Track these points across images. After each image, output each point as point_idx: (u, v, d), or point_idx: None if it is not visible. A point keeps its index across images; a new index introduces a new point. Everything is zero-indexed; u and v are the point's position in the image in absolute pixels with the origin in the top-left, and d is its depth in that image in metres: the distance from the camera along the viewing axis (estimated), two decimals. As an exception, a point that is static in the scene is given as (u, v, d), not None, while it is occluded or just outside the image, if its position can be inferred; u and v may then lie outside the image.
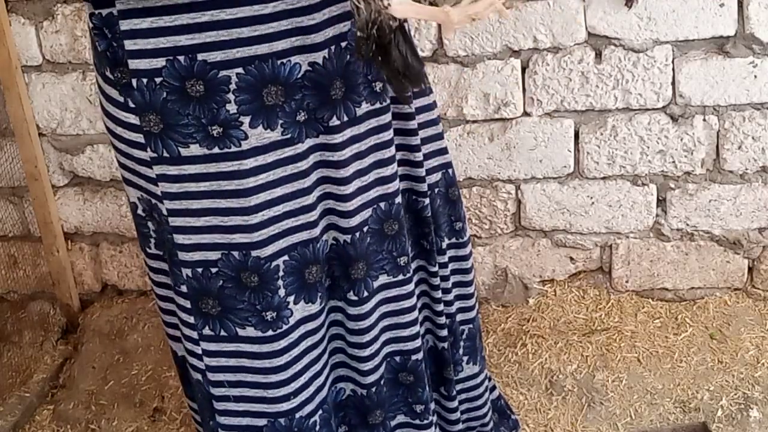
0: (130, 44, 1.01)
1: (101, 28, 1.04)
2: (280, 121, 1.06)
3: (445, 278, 1.37)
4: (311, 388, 1.23)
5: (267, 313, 1.16)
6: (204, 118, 1.03)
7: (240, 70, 1.02)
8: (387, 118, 1.18)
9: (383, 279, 1.24)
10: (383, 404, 1.30)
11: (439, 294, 1.35)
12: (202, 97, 1.02)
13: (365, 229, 1.19)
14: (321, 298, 1.21)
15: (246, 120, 1.04)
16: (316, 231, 1.16)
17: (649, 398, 1.86)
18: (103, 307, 2.41)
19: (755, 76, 1.98)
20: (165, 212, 1.12)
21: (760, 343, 1.99)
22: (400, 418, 1.36)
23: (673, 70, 2.00)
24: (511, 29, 2.01)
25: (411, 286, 1.28)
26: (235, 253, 1.12)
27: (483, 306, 2.27)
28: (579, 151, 2.10)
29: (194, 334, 1.20)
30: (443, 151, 1.34)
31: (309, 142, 1.11)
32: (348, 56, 1.08)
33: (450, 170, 1.36)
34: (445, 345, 1.38)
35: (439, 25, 2.05)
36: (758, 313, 2.11)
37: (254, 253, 1.12)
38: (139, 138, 1.08)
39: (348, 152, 1.14)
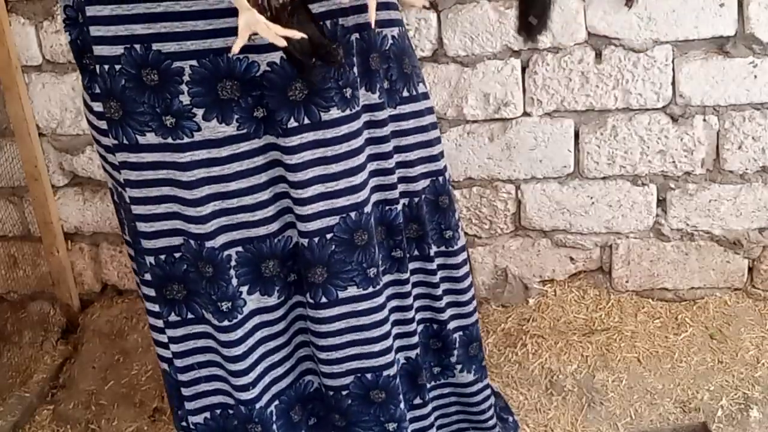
0: (94, 30, 1.04)
1: (74, 17, 1.08)
2: (236, 116, 1.07)
3: (434, 285, 1.35)
4: (266, 379, 1.25)
5: (222, 304, 1.17)
6: (158, 108, 1.05)
7: (194, 62, 1.03)
8: (357, 125, 1.15)
9: (353, 291, 1.22)
10: (348, 416, 1.29)
11: (410, 301, 1.33)
12: (157, 86, 1.04)
13: (329, 236, 1.17)
14: (280, 292, 1.21)
15: (199, 112, 1.05)
16: (274, 226, 1.17)
17: (649, 398, 1.86)
18: (103, 307, 2.41)
19: (755, 76, 1.98)
20: (128, 200, 1.14)
21: (760, 343, 1.99)
22: None
23: (673, 70, 2.00)
24: (511, 29, 2.01)
25: (381, 299, 1.26)
26: (192, 242, 1.14)
27: (483, 306, 2.27)
28: (579, 151, 2.10)
29: (159, 323, 1.22)
30: (434, 158, 1.30)
31: (268, 139, 1.11)
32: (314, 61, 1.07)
33: (440, 178, 1.32)
34: (417, 352, 1.35)
35: (439, 24, 2.05)
36: (758, 313, 2.11)
37: (208, 244, 1.13)
38: (103, 125, 1.11)
39: (308, 155, 1.12)
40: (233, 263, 1.16)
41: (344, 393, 1.26)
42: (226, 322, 1.18)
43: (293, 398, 1.31)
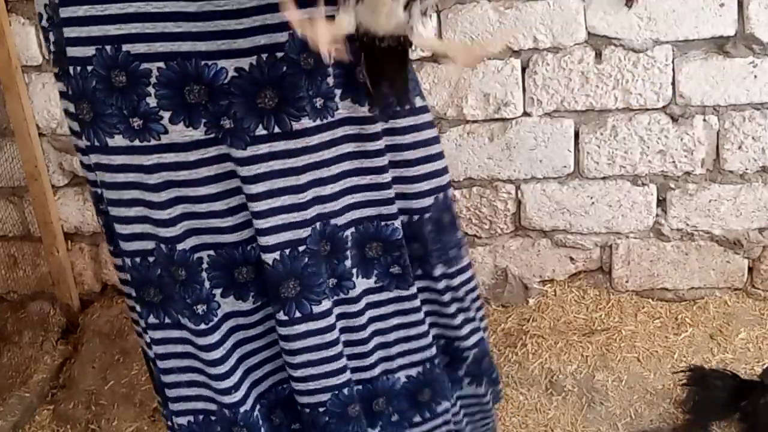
0: (68, 32, 1.03)
1: (51, 17, 1.08)
2: (203, 120, 1.05)
3: (445, 303, 1.31)
4: (247, 382, 1.23)
5: (198, 306, 1.15)
6: (126, 110, 1.04)
7: (161, 64, 1.01)
8: (330, 136, 1.12)
9: (326, 305, 1.18)
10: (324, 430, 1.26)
11: (419, 316, 1.29)
12: (124, 88, 1.03)
13: (301, 248, 1.13)
14: (255, 297, 1.19)
15: (166, 115, 1.04)
16: (246, 233, 1.14)
17: (649, 398, 1.86)
18: (103, 307, 2.41)
19: (755, 76, 1.98)
20: (105, 201, 1.15)
21: (760, 343, 1.99)
22: None
23: (673, 70, 2.00)
24: (512, 29, 2.01)
25: (360, 317, 1.22)
26: (162, 246, 1.13)
27: (483, 306, 2.27)
28: (579, 151, 2.10)
29: (142, 323, 1.21)
30: (437, 173, 1.26)
31: (228, 150, 1.08)
32: (284, 68, 1.04)
33: (442, 194, 1.28)
34: (420, 369, 1.31)
35: (439, 24, 2.05)
36: (758, 313, 2.11)
37: (179, 247, 1.12)
38: (76, 126, 1.11)
39: (276, 165, 1.09)
40: (205, 266, 1.15)
41: (321, 410, 1.23)
42: (202, 326, 1.17)
43: (273, 402, 1.29)
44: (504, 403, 1.90)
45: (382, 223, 1.20)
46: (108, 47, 1.01)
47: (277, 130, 1.07)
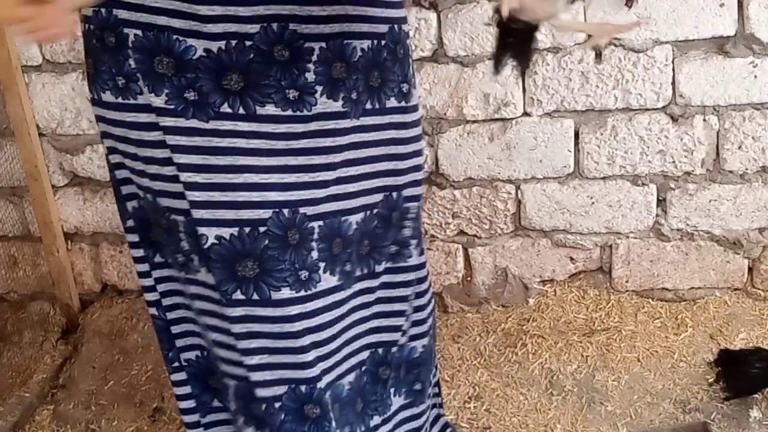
0: None
1: None
2: (166, 91, 1.10)
3: (384, 300, 1.32)
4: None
5: (178, 256, 1.23)
6: (114, 68, 1.13)
7: (138, 31, 1.09)
8: (302, 128, 1.15)
9: (286, 293, 1.18)
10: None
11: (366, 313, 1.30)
12: (113, 49, 1.12)
13: (261, 229, 1.15)
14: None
15: (140, 77, 1.11)
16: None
17: (649, 398, 1.86)
18: (103, 307, 2.41)
19: (755, 76, 1.98)
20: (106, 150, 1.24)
21: (760, 343, 1.99)
22: None
23: (673, 70, 2.00)
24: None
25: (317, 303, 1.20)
26: (149, 196, 1.20)
27: (483, 306, 2.27)
28: (579, 151, 2.10)
29: (145, 266, 1.28)
30: (393, 172, 1.27)
31: (193, 123, 1.12)
32: (252, 55, 1.09)
33: (395, 193, 1.28)
34: (352, 378, 1.30)
35: (439, 24, 2.05)
36: (758, 313, 2.11)
37: (163, 203, 1.19)
38: (86, 80, 1.23)
39: (239, 143, 1.12)
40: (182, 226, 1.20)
41: (277, 405, 1.21)
42: (183, 273, 1.24)
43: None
44: (504, 403, 1.90)
45: (342, 218, 1.22)
46: (102, 10, 1.10)
47: (241, 111, 1.11)
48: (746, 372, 1.79)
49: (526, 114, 2.09)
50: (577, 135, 2.09)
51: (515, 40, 1.06)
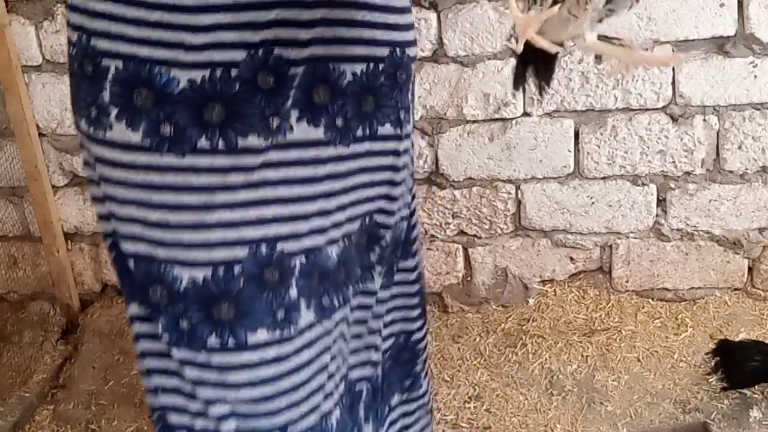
0: (69, 15, 1.09)
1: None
2: (144, 125, 1.03)
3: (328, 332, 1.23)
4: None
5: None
6: (89, 97, 1.07)
7: (120, 63, 1.03)
8: (284, 156, 1.07)
9: (262, 336, 1.10)
10: None
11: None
12: (90, 78, 1.06)
13: (237, 269, 1.06)
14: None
15: (114, 111, 1.04)
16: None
17: (649, 398, 1.86)
18: (103, 307, 2.41)
19: (755, 76, 1.98)
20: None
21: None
22: None
23: (673, 70, 2.00)
24: (511, 29, 2.01)
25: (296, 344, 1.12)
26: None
27: (483, 306, 2.27)
28: (579, 151, 2.10)
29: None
30: (372, 199, 1.19)
31: (169, 159, 1.04)
32: (238, 85, 1.02)
33: (372, 218, 1.21)
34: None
35: (439, 24, 2.05)
36: (758, 313, 2.11)
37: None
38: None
39: (214, 179, 1.04)
40: None
41: None
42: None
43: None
44: (504, 403, 1.90)
45: (325, 251, 1.14)
46: (83, 37, 1.05)
47: (221, 145, 1.03)
48: (745, 365, 1.79)
49: (526, 114, 2.09)
50: (577, 135, 2.09)
51: (536, 58, 1.01)
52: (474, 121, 2.12)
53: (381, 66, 1.13)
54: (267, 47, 1.02)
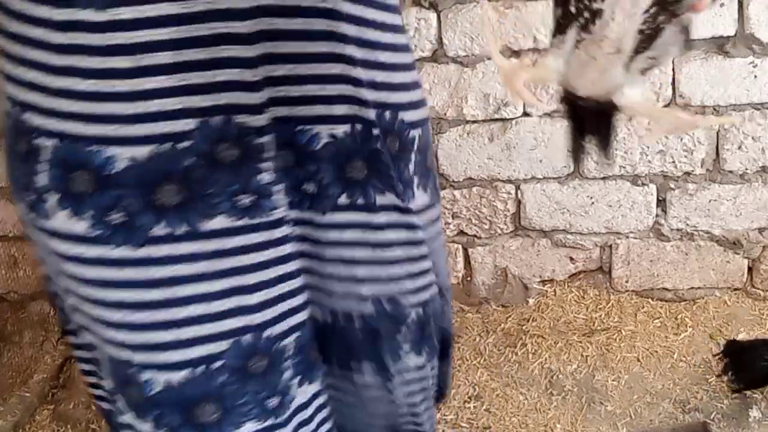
0: (2, 83, 0.93)
1: None
2: (90, 213, 0.88)
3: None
4: None
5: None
6: (25, 180, 0.91)
7: (56, 141, 0.87)
8: (260, 237, 0.92)
9: (251, 426, 0.96)
10: None
11: None
12: (24, 158, 0.91)
13: (216, 364, 0.93)
14: None
15: (52, 198, 0.88)
16: None
17: (649, 398, 1.86)
18: (103, 307, 2.41)
19: (755, 76, 1.98)
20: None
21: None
22: None
23: (673, 70, 2.00)
24: (511, 29, 2.01)
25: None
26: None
27: (483, 306, 2.27)
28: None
29: None
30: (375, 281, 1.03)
31: (122, 252, 0.90)
32: (192, 160, 0.87)
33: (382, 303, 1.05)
34: None
35: (439, 24, 2.05)
36: (758, 313, 2.11)
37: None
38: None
39: (180, 270, 0.90)
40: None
41: None
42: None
43: None
44: (504, 403, 1.90)
45: (264, 335, 1.00)
46: (17, 108, 0.89)
47: (181, 231, 0.89)
48: (756, 364, 1.77)
49: (526, 114, 2.09)
50: (577, 135, 2.09)
51: (590, 119, 0.90)
52: (474, 121, 2.12)
53: (374, 130, 0.96)
54: (224, 113, 0.87)
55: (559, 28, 0.79)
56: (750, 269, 2.16)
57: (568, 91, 0.84)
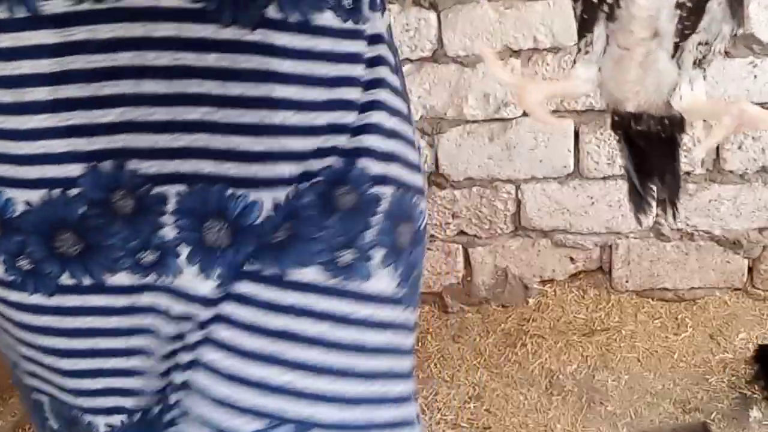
0: None
1: None
2: (2, 257, 0.82)
3: None
4: None
5: None
6: None
7: None
8: (157, 298, 0.81)
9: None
10: None
11: None
12: None
13: (156, 409, 0.86)
14: None
15: None
16: None
17: (649, 398, 1.86)
18: (104, 307, 2.41)
19: (755, 76, 1.98)
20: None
21: (760, 343, 1.99)
22: None
23: (673, 70, 2.00)
24: (511, 29, 2.01)
25: None
26: None
27: (483, 306, 2.27)
28: (579, 151, 2.11)
29: None
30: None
31: (37, 299, 0.84)
32: (82, 208, 0.79)
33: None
34: None
35: (439, 24, 2.05)
36: (758, 313, 2.11)
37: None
38: None
39: (94, 322, 0.84)
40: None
41: None
42: None
43: None
44: (504, 403, 1.90)
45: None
46: None
47: (87, 282, 0.82)
48: None
49: (526, 114, 2.09)
50: (577, 135, 2.09)
51: (650, 151, 0.73)
52: (474, 121, 2.12)
53: (320, 180, 0.77)
54: (115, 158, 0.77)
55: (584, 26, 0.65)
56: (750, 269, 2.16)
57: (616, 111, 0.67)
